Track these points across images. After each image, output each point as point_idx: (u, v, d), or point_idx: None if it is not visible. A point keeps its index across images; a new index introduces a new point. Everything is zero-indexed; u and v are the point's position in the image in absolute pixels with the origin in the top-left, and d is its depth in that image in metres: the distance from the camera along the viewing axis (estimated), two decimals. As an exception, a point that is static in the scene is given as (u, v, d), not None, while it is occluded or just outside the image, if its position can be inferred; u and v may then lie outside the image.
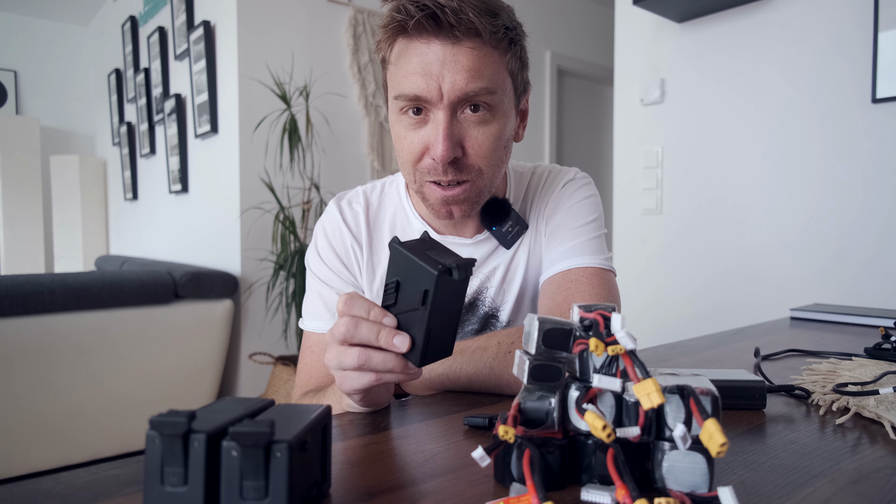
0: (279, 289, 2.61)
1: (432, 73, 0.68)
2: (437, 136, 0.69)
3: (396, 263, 0.51)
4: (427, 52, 0.68)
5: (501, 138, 0.74)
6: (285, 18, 2.78)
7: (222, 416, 0.35)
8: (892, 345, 0.85)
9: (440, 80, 0.68)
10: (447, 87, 0.68)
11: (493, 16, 0.69)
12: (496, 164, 0.75)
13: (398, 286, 0.51)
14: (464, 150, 0.72)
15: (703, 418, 0.35)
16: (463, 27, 0.66)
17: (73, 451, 2.17)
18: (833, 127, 1.62)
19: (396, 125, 0.75)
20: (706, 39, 1.88)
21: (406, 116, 0.72)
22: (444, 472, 0.44)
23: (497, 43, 0.70)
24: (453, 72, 0.68)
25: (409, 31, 0.69)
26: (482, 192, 0.76)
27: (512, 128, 0.78)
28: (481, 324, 0.87)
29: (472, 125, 0.71)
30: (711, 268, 1.88)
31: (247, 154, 2.69)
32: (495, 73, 0.71)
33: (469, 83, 0.68)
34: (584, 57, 4.06)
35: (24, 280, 2.06)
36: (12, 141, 4.17)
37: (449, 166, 0.71)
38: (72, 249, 4.45)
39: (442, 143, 0.69)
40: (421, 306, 0.49)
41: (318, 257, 0.86)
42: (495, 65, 0.71)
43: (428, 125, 0.71)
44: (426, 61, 0.68)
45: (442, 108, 0.69)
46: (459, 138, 0.71)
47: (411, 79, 0.69)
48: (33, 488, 0.41)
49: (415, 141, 0.72)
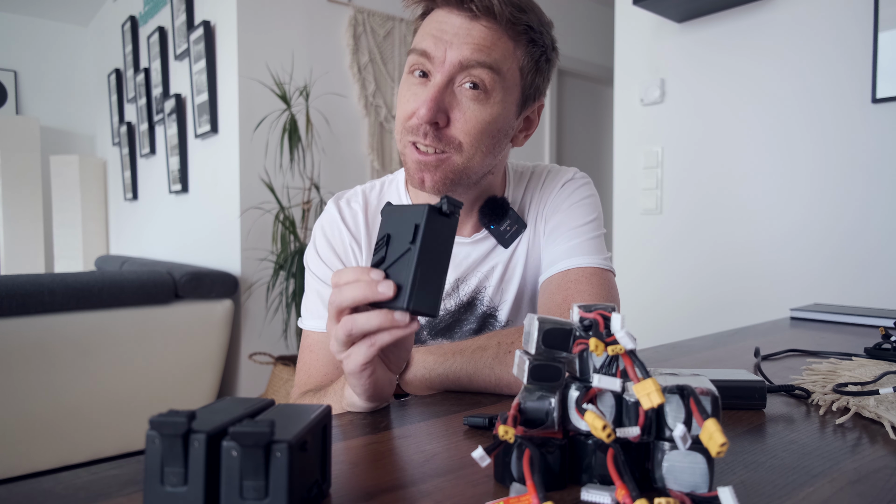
0: (279, 289, 2.61)
1: (444, 38, 0.72)
2: (425, 96, 0.72)
3: (386, 221, 0.53)
4: (446, 21, 0.72)
5: (491, 123, 0.74)
6: (285, 18, 2.78)
7: (222, 416, 0.35)
8: (892, 345, 0.85)
9: (448, 46, 0.71)
10: (450, 56, 0.71)
11: (519, 10, 0.73)
12: (478, 146, 0.74)
13: (388, 239, 0.52)
14: (449, 119, 0.73)
15: (703, 418, 0.35)
16: (482, 5, 0.70)
17: (73, 451, 2.17)
18: (833, 127, 1.62)
19: (403, 85, 0.77)
20: (706, 39, 1.88)
21: (412, 76, 0.75)
22: (444, 472, 0.44)
23: (514, 34, 0.73)
24: (462, 42, 0.71)
25: (437, 1, 0.74)
26: (459, 171, 0.75)
27: (508, 124, 0.77)
28: (480, 323, 0.87)
29: (464, 98, 0.73)
30: (711, 267, 1.88)
31: (247, 154, 2.69)
32: (502, 58, 0.73)
33: (472, 57, 0.71)
34: (584, 57, 4.06)
35: (24, 280, 2.06)
36: (12, 141, 4.17)
37: (430, 129, 0.72)
38: (72, 249, 4.45)
39: (427, 102, 0.71)
40: (410, 244, 0.49)
41: (316, 256, 0.86)
42: (505, 51, 0.73)
43: (426, 87, 0.73)
44: (442, 28, 0.72)
45: (441, 73, 0.72)
46: (447, 107, 0.73)
47: (426, 38, 0.73)
48: (33, 488, 0.41)
49: (411, 99, 0.74)
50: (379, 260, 0.52)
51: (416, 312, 0.50)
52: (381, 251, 0.52)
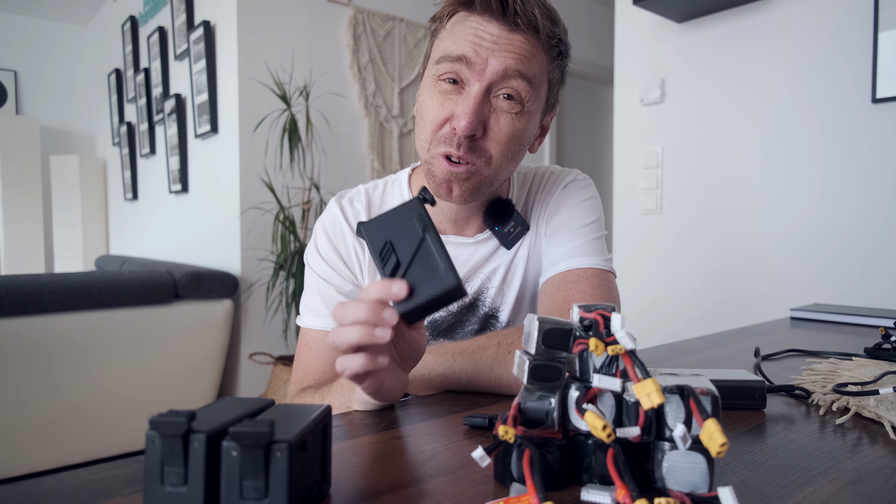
0: (279, 289, 2.61)
1: (483, 46, 0.70)
2: (465, 108, 0.70)
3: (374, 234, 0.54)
4: (485, 28, 0.70)
5: (521, 136, 0.75)
6: (285, 18, 2.78)
7: (222, 416, 0.35)
8: (892, 345, 0.85)
9: (488, 55, 0.70)
10: (492, 64, 0.70)
11: (553, 23, 0.73)
12: (508, 158, 0.75)
13: (392, 245, 0.53)
14: (485, 130, 0.72)
15: (703, 418, 0.35)
16: (525, 18, 0.69)
17: (73, 451, 2.17)
18: (833, 127, 1.62)
19: (428, 91, 0.75)
20: (706, 39, 1.88)
21: (441, 83, 0.73)
22: (444, 472, 0.44)
23: (549, 48, 0.73)
24: (503, 53, 0.70)
25: (475, 6, 0.71)
26: (485, 181, 0.76)
27: (532, 134, 0.78)
28: (481, 324, 0.87)
29: (500, 111, 0.72)
30: (711, 267, 1.88)
31: (247, 154, 2.69)
32: (538, 72, 0.73)
33: (513, 70, 0.70)
34: (584, 57, 4.06)
35: (24, 280, 2.06)
36: (12, 141, 4.17)
37: (465, 141, 0.71)
38: (72, 249, 4.45)
39: (468, 116, 0.70)
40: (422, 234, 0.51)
41: (317, 254, 0.86)
42: (541, 65, 0.73)
43: (460, 96, 0.72)
44: (481, 35, 0.70)
45: (479, 83, 0.70)
46: (485, 118, 0.72)
47: (462, 43, 0.71)
48: (33, 488, 0.41)
49: (443, 107, 0.73)
50: (394, 267, 0.52)
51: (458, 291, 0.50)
52: (392, 258, 0.52)
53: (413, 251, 0.51)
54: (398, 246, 0.52)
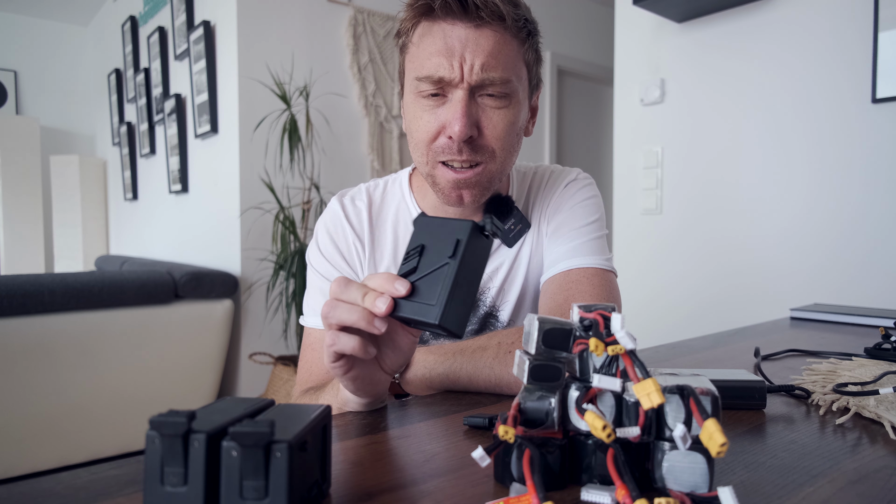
0: (279, 289, 2.61)
1: (455, 54, 0.69)
2: (455, 114, 0.70)
3: (420, 231, 0.52)
4: (451, 33, 0.70)
5: (515, 125, 0.75)
6: (285, 18, 2.78)
7: (222, 416, 0.35)
8: (892, 345, 0.85)
9: (462, 61, 0.69)
10: (468, 68, 0.70)
11: (514, 6, 0.72)
12: (509, 149, 0.75)
13: (422, 250, 0.52)
14: (480, 130, 0.72)
15: (703, 418, 0.35)
16: (487, 10, 0.69)
17: (73, 451, 2.17)
18: (833, 127, 1.62)
19: (412, 106, 0.75)
20: (706, 39, 1.88)
21: (422, 99, 0.73)
22: (444, 472, 0.44)
23: (517, 32, 0.73)
24: (475, 54, 0.69)
25: (435, 13, 0.70)
26: (493, 177, 0.76)
27: (524, 118, 0.79)
28: (481, 323, 0.87)
29: (488, 108, 0.72)
30: (711, 267, 1.88)
31: (247, 154, 2.69)
32: (514, 61, 0.73)
33: (490, 67, 0.70)
34: (584, 57, 4.06)
35: (24, 280, 2.06)
36: (12, 141, 4.17)
37: (464, 145, 0.71)
38: (72, 249, 4.45)
39: (460, 120, 0.70)
40: (450, 258, 0.49)
41: (319, 253, 0.86)
42: (514, 52, 0.73)
43: (445, 105, 0.72)
44: (449, 42, 0.70)
45: (462, 88, 0.70)
46: (476, 118, 0.72)
47: (434, 59, 0.70)
48: (33, 488, 0.41)
49: (431, 120, 0.73)
50: (410, 270, 0.51)
51: (444, 329, 0.49)
52: (413, 261, 0.51)
53: (433, 268, 0.50)
54: (427, 254, 0.51)
